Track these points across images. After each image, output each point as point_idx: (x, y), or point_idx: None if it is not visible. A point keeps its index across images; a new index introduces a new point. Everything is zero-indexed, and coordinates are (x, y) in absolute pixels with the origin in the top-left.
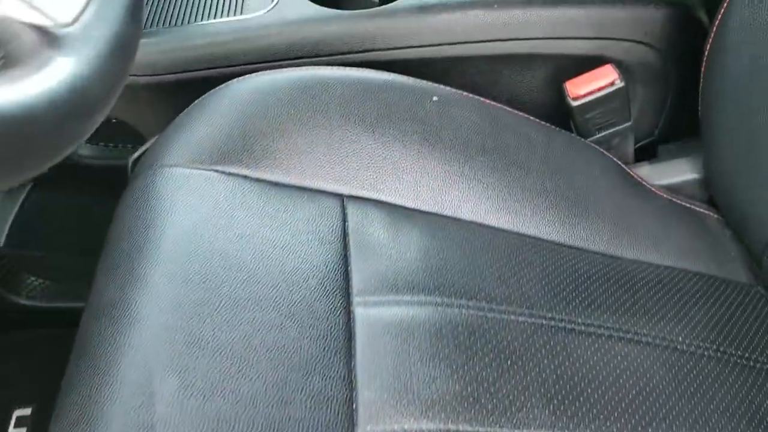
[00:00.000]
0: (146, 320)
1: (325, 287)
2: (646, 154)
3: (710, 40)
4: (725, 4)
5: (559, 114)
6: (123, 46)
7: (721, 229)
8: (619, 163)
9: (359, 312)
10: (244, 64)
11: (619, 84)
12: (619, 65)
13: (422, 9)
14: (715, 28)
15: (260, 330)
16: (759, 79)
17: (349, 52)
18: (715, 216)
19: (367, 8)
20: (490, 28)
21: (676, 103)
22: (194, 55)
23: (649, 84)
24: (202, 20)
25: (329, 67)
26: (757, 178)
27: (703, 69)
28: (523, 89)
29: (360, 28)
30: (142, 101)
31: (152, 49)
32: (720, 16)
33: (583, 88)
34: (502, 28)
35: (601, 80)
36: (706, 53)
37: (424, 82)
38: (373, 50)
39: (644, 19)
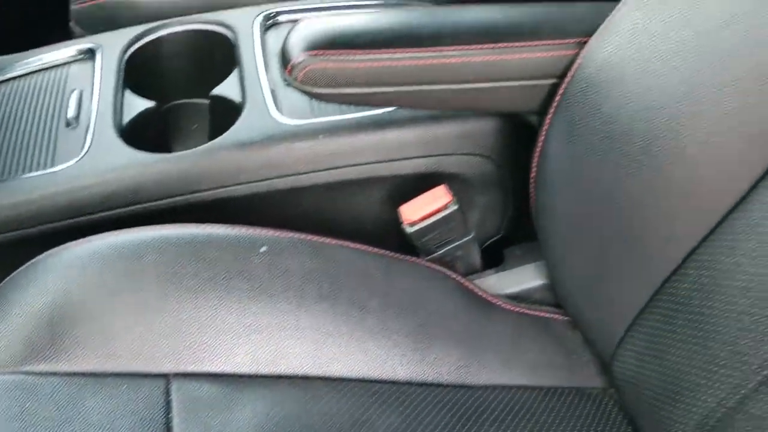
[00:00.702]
0: None
1: None
2: (495, 252)
3: (534, 165)
4: (543, 136)
5: (402, 233)
6: None
7: (571, 334)
8: (463, 281)
9: None
10: (58, 221)
11: (453, 207)
12: (455, 178)
13: (245, 145)
14: (537, 156)
15: None
16: (585, 210)
17: (173, 196)
18: (565, 319)
19: (191, 148)
20: (318, 158)
21: (517, 206)
22: None
23: (488, 191)
24: (6, 177)
25: (144, 229)
26: (598, 288)
27: (532, 188)
28: (362, 212)
29: (182, 170)
30: None
31: None
32: (540, 144)
33: (416, 214)
34: (331, 156)
35: (434, 204)
36: (533, 173)
37: (251, 230)
38: (199, 191)
39: (475, 131)
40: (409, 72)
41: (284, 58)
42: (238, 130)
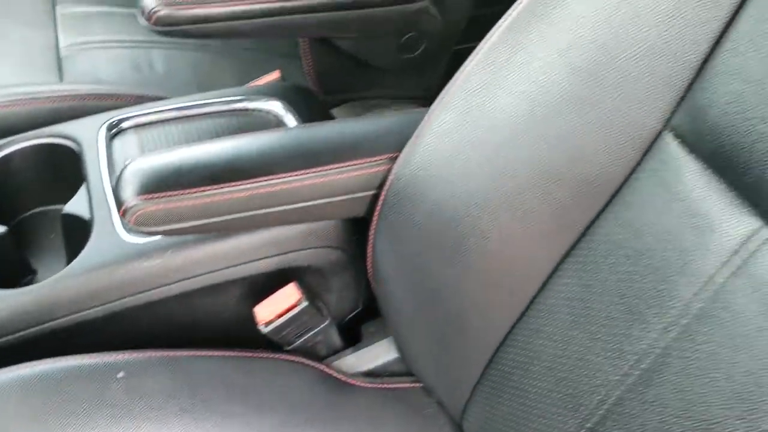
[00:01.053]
0: None
1: None
2: (357, 326)
3: (369, 259)
4: (372, 236)
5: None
6: None
7: (427, 399)
8: (322, 367)
9: None
10: None
11: (303, 303)
12: (308, 270)
13: (95, 269)
14: (370, 252)
15: None
16: (415, 299)
17: (29, 327)
18: (420, 386)
19: (49, 262)
20: (169, 272)
21: (369, 284)
22: None
23: (341, 275)
24: None
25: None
26: (438, 362)
27: (370, 277)
28: (220, 315)
29: (34, 303)
30: None
31: None
32: (371, 242)
33: (270, 313)
34: (182, 269)
35: (286, 302)
36: (369, 266)
37: (107, 356)
38: (54, 320)
39: (321, 227)
40: (238, 202)
41: (117, 201)
42: (87, 255)
